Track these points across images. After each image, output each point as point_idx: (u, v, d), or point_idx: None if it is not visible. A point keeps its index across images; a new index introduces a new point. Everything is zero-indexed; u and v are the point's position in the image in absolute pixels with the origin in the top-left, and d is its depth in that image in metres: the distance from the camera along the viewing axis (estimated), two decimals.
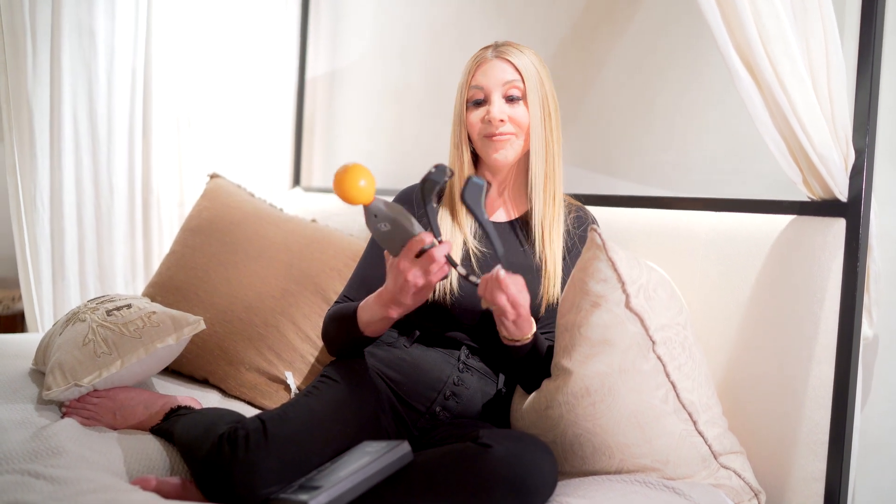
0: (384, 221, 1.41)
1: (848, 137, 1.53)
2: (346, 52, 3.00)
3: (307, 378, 1.97)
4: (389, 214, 1.41)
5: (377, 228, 1.43)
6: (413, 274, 1.42)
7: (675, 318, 1.52)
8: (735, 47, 1.52)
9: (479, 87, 1.65)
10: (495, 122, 1.62)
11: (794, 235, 1.60)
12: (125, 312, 1.74)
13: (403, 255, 1.42)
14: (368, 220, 1.42)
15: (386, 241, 1.44)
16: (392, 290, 1.47)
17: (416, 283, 1.43)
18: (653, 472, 1.47)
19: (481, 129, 1.66)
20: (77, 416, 1.62)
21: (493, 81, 1.64)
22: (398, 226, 1.41)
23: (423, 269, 1.42)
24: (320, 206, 2.70)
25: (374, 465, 1.32)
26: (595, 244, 1.51)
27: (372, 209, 1.41)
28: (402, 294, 1.45)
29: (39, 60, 2.40)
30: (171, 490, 1.39)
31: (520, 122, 1.64)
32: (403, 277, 1.43)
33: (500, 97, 1.64)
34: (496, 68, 1.64)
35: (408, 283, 1.43)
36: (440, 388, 1.61)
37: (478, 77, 1.66)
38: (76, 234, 2.53)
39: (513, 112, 1.64)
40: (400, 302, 1.48)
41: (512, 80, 1.64)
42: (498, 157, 1.66)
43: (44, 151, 2.44)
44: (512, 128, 1.64)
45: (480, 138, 1.67)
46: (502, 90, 1.64)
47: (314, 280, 2.06)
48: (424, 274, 1.42)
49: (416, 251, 1.41)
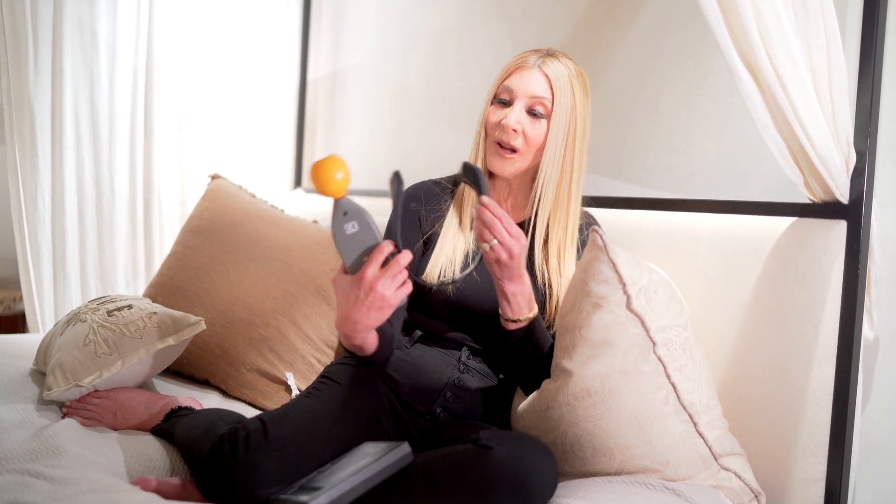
0: (353, 221, 1.32)
1: (849, 139, 1.53)
2: (348, 54, 3.00)
3: (308, 379, 1.97)
4: (361, 214, 1.32)
5: (342, 229, 1.32)
6: (381, 283, 1.32)
7: (675, 319, 1.52)
8: (737, 49, 1.52)
9: (510, 89, 1.63)
10: (507, 129, 1.61)
11: (795, 237, 1.60)
12: (126, 313, 1.74)
13: (371, 263, 1.32)
14: (335, 218, 1.33)
15: (346, 245, 1.33)
16: (350, 309, 1.36)
17: (383, 295, 1.33)
18: (653, 474, 1.47)
19: (494, 132, 1.64)
20: (78, 416, 1.62)
21: (523, 90, 1.62)
22: (366, 227, 1.32)
23: (391, 277, 1.33)
24: (321, 208, 2.70)
25: (375, 467, 1.32)
26: (596, 245, 1.51)
27: (343, 204, 1.32)
28: (365, 310, 1.35)
29: (41, 60, 2.40)
30: (171, 490, 1.39)
31: (532, 139, 1.62)
32: (370, 288, 1.33)
33: (522, 107, 1.62)
34: (531, 78, 1.62)
35: (375, 295, 1.33)
36: (441, 388, 1.61)
37: (512, 79, 1.63)
38: (77, 234, 2.53)
39: (530, 127, 1.62)
40: (357, 321, 1.37)
41: (541, 97, 1.61)
42: (495, 168, 1.65)
43: (45, 151, 2.44)
44: (521, 143, 1.62)
45: (491, 140, 1.65)
46: (528, 101, 1.62)
47: (315, 281, 2.07)
48: (391, 283, 1.33)
49: (383, 257, 1.33)
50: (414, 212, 1.72)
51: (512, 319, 1.54)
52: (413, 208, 1.73)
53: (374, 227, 1.33)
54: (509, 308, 1.53)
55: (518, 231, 1.44)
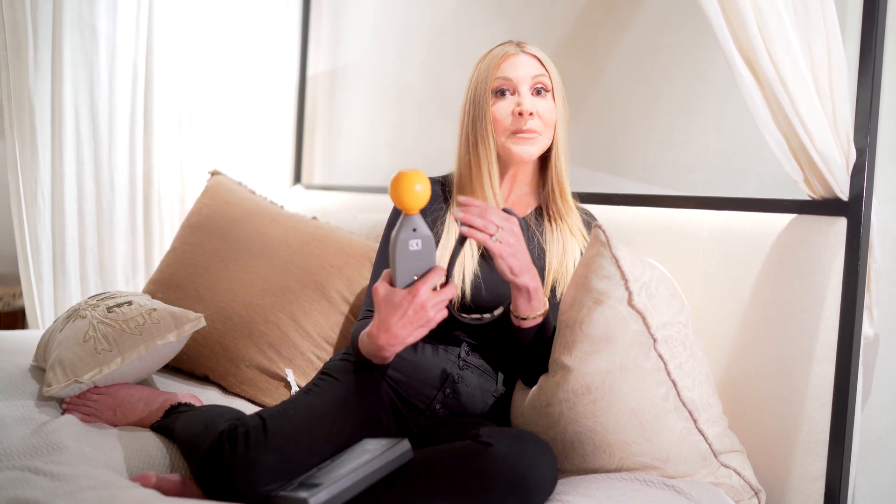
0: (419, 240, 1.31)
1: (849, 136, 1.53)
2: (347, 51, 3.00)
3: (308, 375, 1.97)
4: (428, 237, 1.32)
5: (406, 245, 1.31)
6: (432, 305, 1.33)
7: (676, 316, 1.51)
8: (737, 46, 1.51)
9: (507, 78, 1.64)
10: (525, 114, 1.61)
11: (795, 234, 1.60)
12: (126, 309, 1.74)
13: (426, 284, 1.31)
14: (402, 230, 1.31)
15: (405, 260, 1.32)
16: (394, 324, 1.35)
17: (431, 317, 1.34)
18: (653, 471, 1.47)
19: (510, 124, 1.63)
20: (77, 412, 1.62)
21: (522, 74, 1.63)
22: (429, 248, 1.32)
23: (440, 301, 1.33)
24: (321, 204, 2.70)
25: (374, 463, 1.32)
26: (599, 241, 1.51)
27: (414, 221, 1.31)
28: (411, 328, 1.35)
29: (41, 56, 2.40)
30: (171, 487, 1.39)
31: (546, 117, 1.64)
32: (421, 308, 1.32)
33: (528, 90, 1.64)
34: (524, 62, 1.64)
35: (424, 315, 1.33)
36: (440, 385, 1.61)
37: (505, 69, 1.64)
38: (77, 230, 2.53)
39: (542, 105, 1.64)
40: (399, 336, 1.37)
41: (539, 75, 1.64)
42: (521, 153, 1.63)
43: (45, 148, 2.44)
44: (539, 124, 1.63)
45: (507, 133, 1.64)
46: (531, 83, 1.64)
47: (315, 277, 2.06)
48: (439, 306, 1.34)
49: (438, 281, 1.33)
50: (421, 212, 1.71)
51: (530, 317, 1.52)
52: None
53: (435, 253, 1.34)
54: (528, 306, 1.51)
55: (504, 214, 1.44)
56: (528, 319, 1.52)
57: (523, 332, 1.54)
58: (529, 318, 1.52)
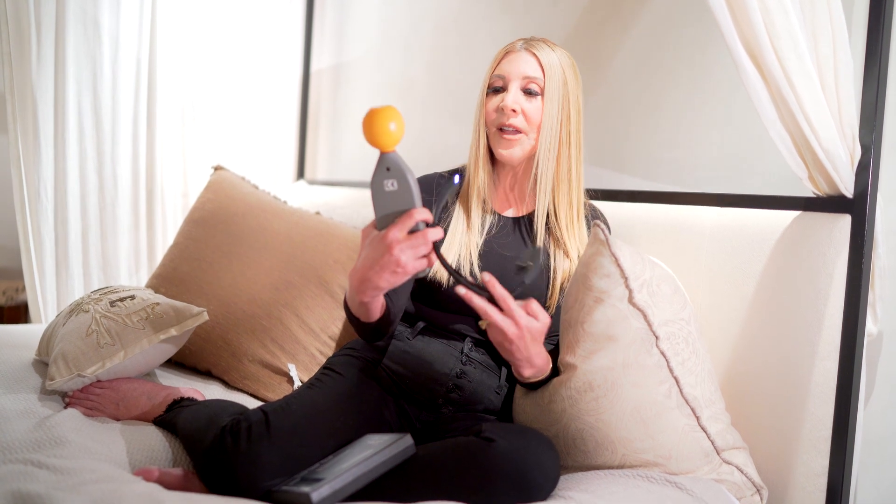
0: (394, 179, 1.25)
1: (854, 134, 1.53)
2: (351, 46, 3.00)
3: (310, 370, 1.97)
4: (403, 172, 1.24)
5: (381, 185, 1.25)
6: (400, 248, 1.25)
7: (678, 313, 1.51)
8: (743, 43, 1.51)
9: (501, 75, 1.66)
10: (507, 110, 1.63)
11: (799, 231, 1.59)
12: (129, 303, 1.74)
13: (397, 225, 1.25)
14: (377, 172, 1.25)
15: (382, 203, 1.27)
16: (365, 265, 1.31)
17: (398, 260, 1.26)
18: (655, 467, 1.47)
19: (494, 119, 1.66)
20: (80, 406, 1.62)
21: (515, 72, 1.65)
22: (405, 189, 1.25)
23: (412, 246, 1.25)
24: (324, 199, 2.70)
25: (377, 458, 1.32)
26: (598, 239, 1.51)
27: (388, 159, 1.24)
28: (378, 269, 1.28)
29: (44, 51, 2.40)
30: (173, 481, 1.39)
31: (531, 118, 1.64)
32: (387, 249, 1.26)
33: (517, 88, 1.64)
34: (520, 60, 1.65)
35: (391, 258, 1.26)
36: (443, 380, 1.61)
37: (502, 65, 1.67)
38: (80, 224, 2.53)
39: (527, 106, 1.64)
40: (369, 279, 1.31)
41: (533, 76, 1.64)
42: (504, 154, 1.66)
43: (48, 142, 2.44)
44: (522, 122, 1.64)
45: (493, 129, 1.67)
46: (521, 82, 1.64)
47: (318, 272, 2.06)
48: (411, 252, 1.26)
49: (411, 224, 1.25)
50: (427, 203, 1.72)
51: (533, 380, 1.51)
52: (425, 200, 1.73)
53: (414, 192, 1.25)
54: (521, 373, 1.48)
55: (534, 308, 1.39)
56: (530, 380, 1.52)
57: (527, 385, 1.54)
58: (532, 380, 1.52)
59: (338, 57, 3.05)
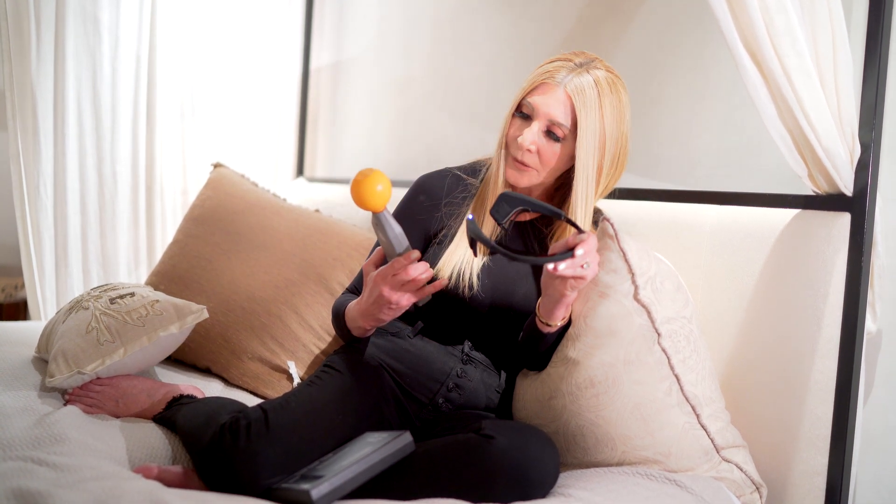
0: (380, 234, 1.45)
1: (854, 132, 1.53)
2: (351, 44, 2.99)
3: (310, 368, 1.97)
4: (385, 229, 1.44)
5: (378, 237, 1.47)
6: (388, 291, 1.45)
7: (680, 310, 1.51)
8: (742, 41, 1.51)
9: (531, 105, 1.57)
10: (522, 147, 1.57)
11: (798, 229, 1.59)
12: (128, 301, 1.74)
13: (380, 272, 1.46)
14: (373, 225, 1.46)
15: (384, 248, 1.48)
16: (368, 301, 1.50)
17: (390, 299, 1.46)
18: (655, 465, 1.47)
19: (512, 145, 1.61)
20: (80, 403, 1.62)
21: (543, 111, 1.56)
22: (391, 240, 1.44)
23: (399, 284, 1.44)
24: (323, 197, 2.70)
25: (376, 456, 1.32)
26: (607, 234, 1.50)
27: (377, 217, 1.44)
28: (377, 307, 1.49)
29: (43, 48, 2.40)
30: (173, 479, 1.39)
31: (546, 159, 1.59)
32: (378, 292, 1.46)
33: (540, 128, 1.57)
34: (553, 99, 1.55)
35: (383, 299, 1.46)
36: (443, 379, 1.61)
37: (535, 96, 1.57)
38: (79, 222, 2.53)
39: (545, 147, 1.58)
40: (371, 314, 1.51)
41: (559, 123, 1.55)
42: (510, 177, 1.62)
43: (47, 139, 2.43)
44: (535, 161, 1.59)
45: (508, 152, 1.62)
46: (545, 123, 1.57)
47: (317, 270, 2.06)
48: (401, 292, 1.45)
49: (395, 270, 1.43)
50: (419, 204, 1.71)
51: (557, 324, 1.53)
52: (420, 202, 1.71)
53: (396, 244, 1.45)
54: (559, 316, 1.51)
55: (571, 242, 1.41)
56: (553, 326, 1.53)
57: (547, 336, 1.55)
58: (555, 326, 1.53)
59: (337, 54, 3.05)
